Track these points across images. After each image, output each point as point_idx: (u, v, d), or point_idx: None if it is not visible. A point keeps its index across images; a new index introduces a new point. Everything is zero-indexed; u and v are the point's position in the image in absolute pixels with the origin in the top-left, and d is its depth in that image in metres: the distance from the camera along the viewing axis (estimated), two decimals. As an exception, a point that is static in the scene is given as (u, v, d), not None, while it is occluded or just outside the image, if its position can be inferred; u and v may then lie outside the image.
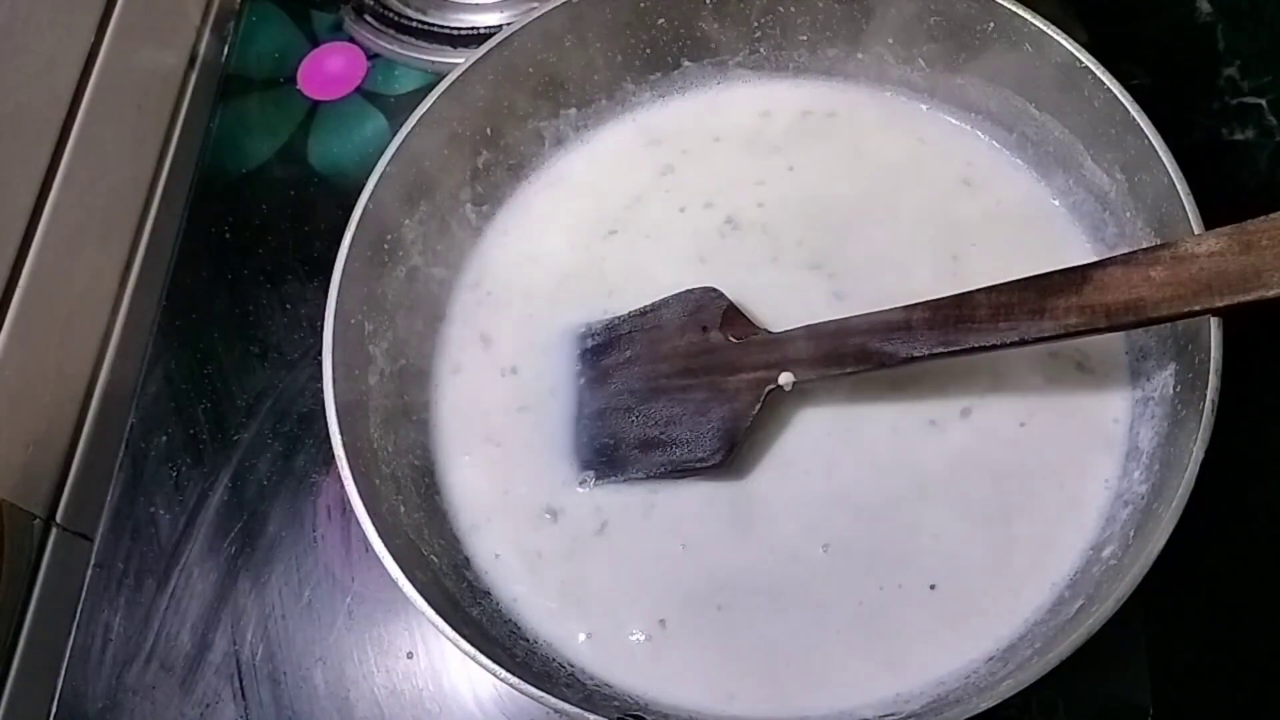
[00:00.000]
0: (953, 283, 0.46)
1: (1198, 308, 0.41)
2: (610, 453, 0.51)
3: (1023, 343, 0.44)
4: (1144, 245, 0.48)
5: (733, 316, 0.51)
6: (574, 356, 0.54)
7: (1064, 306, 0.43)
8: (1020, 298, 0.44)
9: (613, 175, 0.58)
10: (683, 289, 0.52)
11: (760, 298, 0.53)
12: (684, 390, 0.50)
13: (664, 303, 0.52)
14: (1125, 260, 0.42)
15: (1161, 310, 0.41)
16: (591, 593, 0.49)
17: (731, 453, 0.49)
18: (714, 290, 0.51)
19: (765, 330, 0.50)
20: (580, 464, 0.51)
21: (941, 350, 0.45)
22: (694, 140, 0.58)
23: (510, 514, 0.51)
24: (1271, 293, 0.40)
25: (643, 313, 0.53)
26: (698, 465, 0.49)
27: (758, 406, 0.48)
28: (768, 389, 0.48)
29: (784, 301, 0.52)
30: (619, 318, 0.53)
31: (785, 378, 0.48)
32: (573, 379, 0.53)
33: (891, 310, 0.47)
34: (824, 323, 0.48)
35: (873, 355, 0.46)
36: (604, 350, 0.53)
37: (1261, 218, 0.40)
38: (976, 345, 0.45)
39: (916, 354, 0.46)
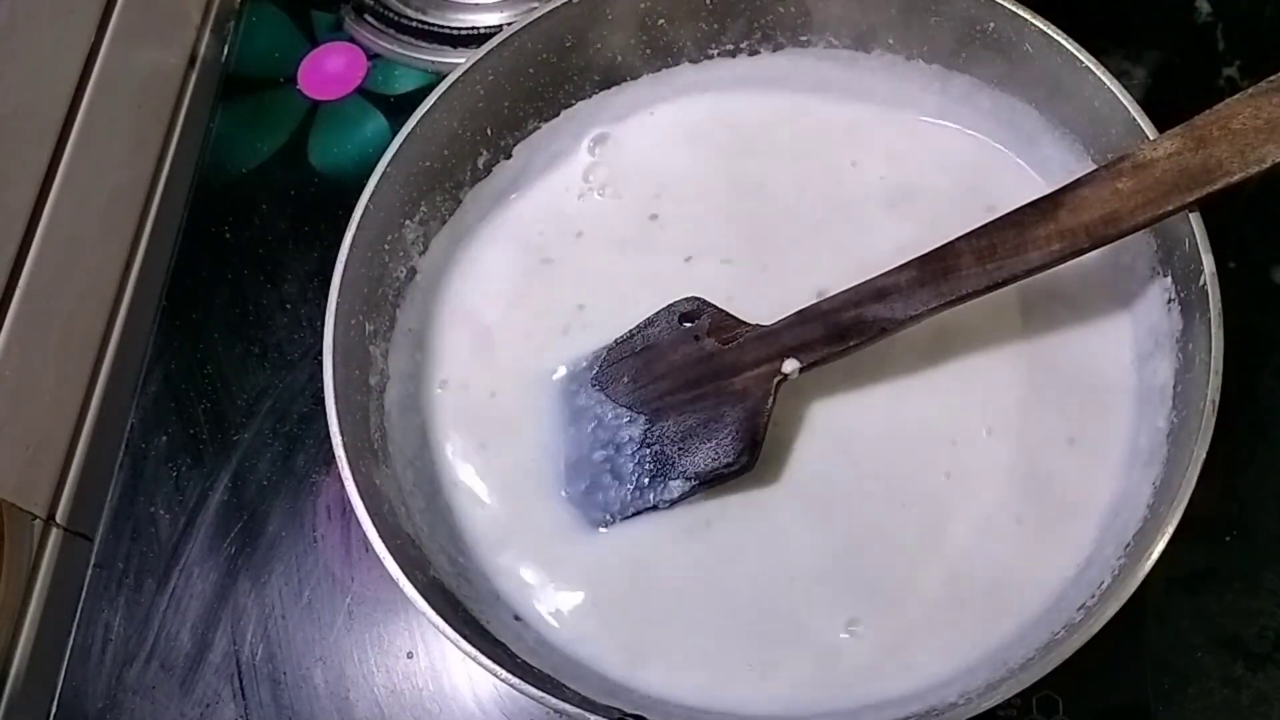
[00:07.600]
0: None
1: (1170, 208, 0.43)
2: (626, 487, 0.50)
3: (1013, 279, 0.45)
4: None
5: (722, 319, 0.50)
6: (561, 401, 0.52)
7: (1044, 235, 0.45)
8: (1000, 237, 0.46)
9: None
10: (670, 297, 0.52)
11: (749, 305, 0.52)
12: (692, 402, 0.49)
13: (649, 322, 0.51)
14: (1090, 179, 0.45)
15: (1137, 217, 0.44)
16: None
17: (756, 452, 0.48)
18: (697, 298, 0.51)
19: (757, 325, 0.50)
20: (590, 520, 0.50)
21: (937, 304, 0.46)
22: (699, 139, 0.58)
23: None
24: (1235, 178, 0.42)
25: (629, 337, 0.52)
26: (725, 472, 0.48)
27: (771, 400, 0.48)
28: (776, 380, 0.48)
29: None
30: (606, 348, 0.52)
31: (790, 365, 0.48)
32: (561, 425, 0.52)
33: (878, 277, 0.47)
34: (814, 304, 0.49)
35: (871, 324, 0.47)
36: (598, 383, 0.51)
37: (1206, 111, 0.43)
38: (969, 291, 0.46)
39: (913, 313, 0.46)
